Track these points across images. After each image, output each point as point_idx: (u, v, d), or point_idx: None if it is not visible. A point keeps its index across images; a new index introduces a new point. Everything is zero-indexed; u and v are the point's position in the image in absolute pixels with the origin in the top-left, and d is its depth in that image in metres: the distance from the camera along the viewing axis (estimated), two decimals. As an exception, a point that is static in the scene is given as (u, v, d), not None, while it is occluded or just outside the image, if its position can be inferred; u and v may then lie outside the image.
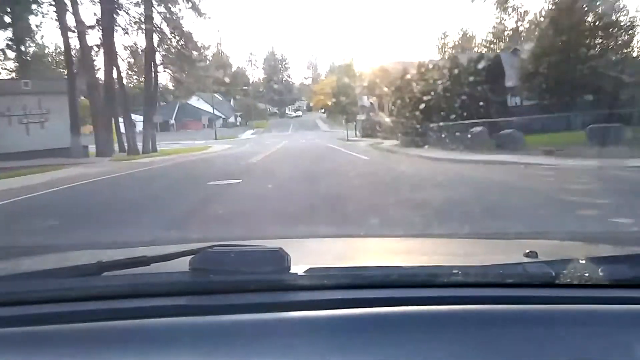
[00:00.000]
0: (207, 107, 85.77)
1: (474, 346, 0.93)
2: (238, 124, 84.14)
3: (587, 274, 1.10)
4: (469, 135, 17.32)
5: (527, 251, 1.25)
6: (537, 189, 8.84)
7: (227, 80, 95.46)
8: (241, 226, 5.82)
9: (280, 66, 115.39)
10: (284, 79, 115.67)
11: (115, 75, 27.52)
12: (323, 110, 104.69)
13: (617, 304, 1.04)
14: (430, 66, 22.70)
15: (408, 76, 22.12)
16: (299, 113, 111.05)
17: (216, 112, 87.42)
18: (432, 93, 20.32)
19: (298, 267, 1.08)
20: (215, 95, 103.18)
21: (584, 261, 1.15)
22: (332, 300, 1.03)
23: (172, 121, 77.72)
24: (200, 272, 1.05)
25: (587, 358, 0.91)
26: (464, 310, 1.02)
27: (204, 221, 6.47)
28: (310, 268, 1.12)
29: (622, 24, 23.93)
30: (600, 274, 1.11)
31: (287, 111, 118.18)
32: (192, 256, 1.06)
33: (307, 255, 1.62)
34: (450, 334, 0.95)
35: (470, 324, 0.97)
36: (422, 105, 20.23)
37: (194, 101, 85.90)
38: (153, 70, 30.47)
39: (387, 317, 1.00)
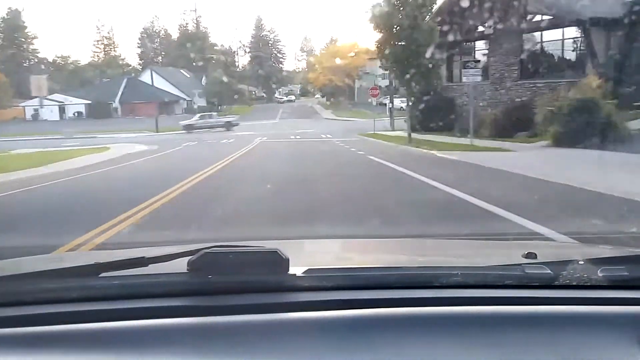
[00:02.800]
0: (168, 86, 57.23)
1: (474, 347, 0.97)
2: (195, 108, 71.12)
3: (585, 276, 1.14)
4: None
5: (527, 252, 1.29)
6: None
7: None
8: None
9: (269, 38, 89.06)
10: (273, 54, 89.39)
11: None
12: (322, 94, 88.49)
13: (616, 305, 1.09)
14: None
15: None
16: (292, 97, 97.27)
17: (177, 93, 58.18)
18: None
19: (297, 268, 1.12)
20: (182, 71, 75.58)
21: (582, 262, 1.19)
22: (331, 301, 1.07)
23: (116, 104, 52.26)
24: (198, 273, 1.09)
25: (586, 359, 0.95)
26: (464, 311, 1.06)
27: None
28: (308, 269, 1.15)
29: None
30: (599, 275, 1.14)
31: (276, 95, 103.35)
32: (190, 257, 1.10)
33: (305, 256, 1.65)
34: (450, 334, 1.00)
35: (470, 325, 1.02)
36: None
37: (151, 77, 58.40)
38: None
39: (387, 318, 1.04)
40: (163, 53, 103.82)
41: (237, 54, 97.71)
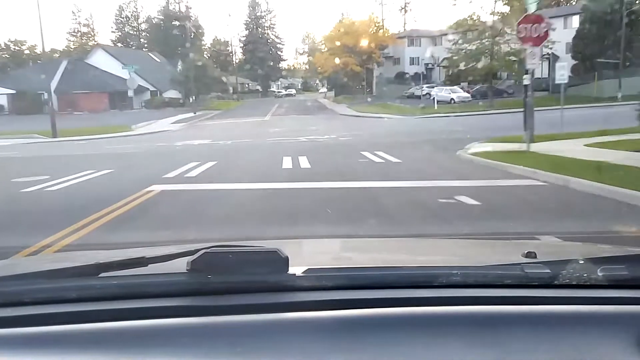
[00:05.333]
0: (127, 73, 32.72)
1: (473, 347, 1.02)
2: (159, 100, 34.00)
3: (585, 275, 1.18)
4: None
5: (526, 252, 1.34)
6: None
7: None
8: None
9: (265, 20, 71.46)
10: (270, 40, 71.05)
11: None
12: (329, 86, 68.99)
13: (616, 305, 1.14)
14: None
15: None
16: (292, 91, 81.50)
17: (139, 81, 51.21)
18: None
19: (296, 268, 1.17)
20: (150, 54, 52.45)
21: (582, 262, 1.22)
22: (331, 300, 1.12)
23: (49, 95, 29.65)
24: (198, 273, 1.14)
25: (586, 359, 1.00)
26: (463, 311, 1.11)
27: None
28: (308, 269, 1.20)
29: None
30: (599, 274, 1.19)
31: (273, 88, 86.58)
32: (190, 257, 1.15)
33: (305, 256, 1.68)
34: (449, 334, 1.04)
35: (470, 325, 1.07)
36: None
37: (101, 59, 34.07)
38: None
39: (386, 317, 1.08)
40: (146, 42, 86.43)
41: (231, 44, 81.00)
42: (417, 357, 0.96)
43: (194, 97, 49.32)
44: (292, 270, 1.13)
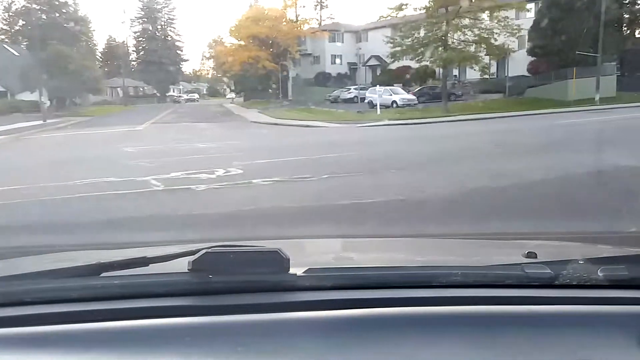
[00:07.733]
0: None
1: (473, 347, 1.03)
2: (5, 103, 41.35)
3: (585, 275, 1.19)
4: None
5: (527, 252, 1.34)
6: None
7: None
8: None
9: (161, 14, 56.09)
10: (168, 37, 56.01)
11: None
12: (237, 89, 59.54)
13: (616, 305, 1.16)
14: None
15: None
16: (194, 96, 72.38)
17: None
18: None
19: (297, 268, 1.19)
20: (5, 46, 55.25)
21: (583, 262, 1.23)
22: (331, 300, 1.14)
23: None
24: (199, 272, 1.15)
25: (586, 359, 1.02)
26: (464, 311, 1.13)
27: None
28: (309, 269, 1.21)
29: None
30: (599, 274, 1.19)
31: (172, 93, 74.91)
32: (191, 257, 1.17)
33: (306, 256, 1.66)
34: (450, 334, 1.06)
35: (470, 325, 1.09)
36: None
37: None
38: None
39: (386, 317, 1.09)
40: (23, 38, 71.48)
41: (126, 43, 77.24)
42: (418, 357, 0.96)
43: (49, 101, 36.35)
44: (293, 270, 1.13)
